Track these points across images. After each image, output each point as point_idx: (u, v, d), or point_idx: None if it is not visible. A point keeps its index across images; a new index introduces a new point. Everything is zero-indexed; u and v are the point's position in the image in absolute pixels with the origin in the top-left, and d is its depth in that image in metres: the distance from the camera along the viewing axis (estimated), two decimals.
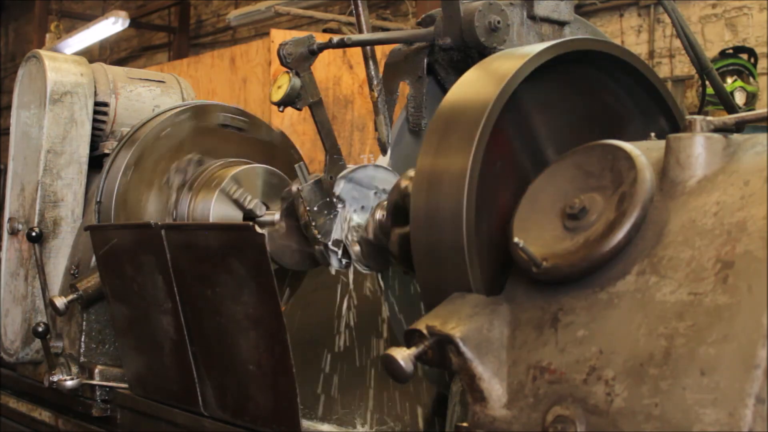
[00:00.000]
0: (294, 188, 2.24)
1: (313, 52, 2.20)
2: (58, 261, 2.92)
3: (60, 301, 2.64)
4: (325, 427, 2.25)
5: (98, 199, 2.84)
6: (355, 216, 2.19)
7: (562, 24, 2.28)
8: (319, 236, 2.18)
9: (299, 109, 2.23)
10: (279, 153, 3.06)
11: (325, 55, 3.89)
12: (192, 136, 2.91)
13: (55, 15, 13.35)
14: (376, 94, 2.32)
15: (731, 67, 6.23)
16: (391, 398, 2.32)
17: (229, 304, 2.09)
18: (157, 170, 2.85)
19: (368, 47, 2.34)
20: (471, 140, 1.61)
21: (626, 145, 1.45)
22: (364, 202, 2.21)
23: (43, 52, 3.00)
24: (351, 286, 2.27)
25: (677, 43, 6.91)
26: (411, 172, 2.04)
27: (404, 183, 1.96)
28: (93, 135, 3.02)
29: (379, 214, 2.12)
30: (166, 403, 2.43)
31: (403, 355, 1.47)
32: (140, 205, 2.83)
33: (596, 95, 1.86)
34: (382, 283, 2.23)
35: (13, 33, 17.89)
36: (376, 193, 2.22)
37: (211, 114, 2.96)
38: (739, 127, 1.44)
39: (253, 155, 2.99)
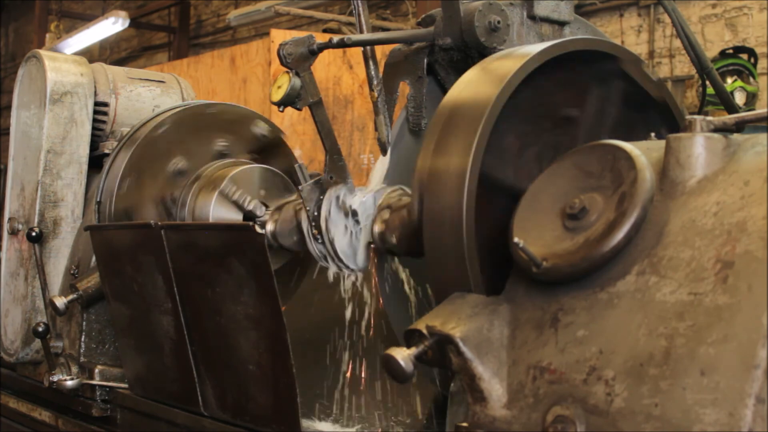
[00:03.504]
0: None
1: (313, 52, 2.20)
2: (58, 261, 2.92)
3: (60, 301, 2.64)
4: (325, 427, 2.25)
5: (98, 199, 2.83)
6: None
7: (562, 24, 2.28)
8: (319, 236, 2.18)
9: (299, 109, 2.23)
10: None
11: (325, 55, 3.89)
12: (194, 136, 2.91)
13: (55, 15, 13.35)
14: (376, 94, 2.32)
15: (731, 67, 6.23)
16: (391, 398, 2.32)
17: (229, 304, 2.09)
18: (158, 170, 2.85)
19: (368, 47, 2.34)
20: (471, 140, 1.61)
21: (626, 145, 1.45)
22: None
23: (43, 52, 3.00)
24: (348, 286, 2.27)
25: (677, 43, 6.91)
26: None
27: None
28: (93, 135, 3.02)
29: (378, 228, 2.12)
30: (166, 403, 2.42)
31: (403, 355, 1.47)
32: (140, 205, 2.83)
33: (596, 94, 1.86)
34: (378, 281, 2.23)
35: (13, 33, 17.89)
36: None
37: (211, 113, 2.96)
38: (739, 127, 1.44)
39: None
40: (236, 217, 2.76)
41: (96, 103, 3.03)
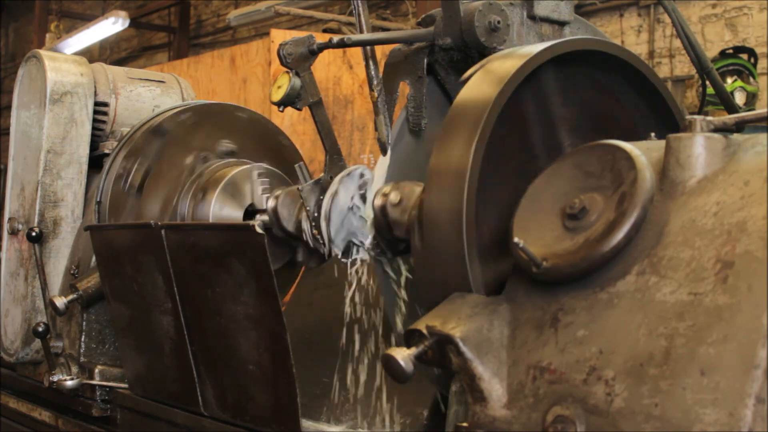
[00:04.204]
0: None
1: (313, 52, 2.20)
2: (58, 261, 2.92)
3: (60, 301, 2.64)
4: (326, 427, 2.25)
5: (98, 199, 2.84)
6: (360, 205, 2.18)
7: (562, 24, 2.28)
8: (319, 236, 2.18)
9: (299, 109, 2.23)
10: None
11: (325, 55, 3.89)
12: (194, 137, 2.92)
13: (55, 15, 13.35)
14: (376, 94, 2.32)
15: (731, 67, 6.24)
16: (391, 398, 2.32)
17: (229, 304, 2.09)
18: (158, 170, 2.86)
19: (368, 47, 2.34)
20: (471, 139, 1.61)
21: (626, 145, 1.45)
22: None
23: (43, 52, 3.00)
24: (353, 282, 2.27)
25: (677, 43, 6.91)
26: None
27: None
28: (93, 135, 3.02)
29: (379, 200, 2.09)
30: (166, 403, 2.43)
31: (403, 355, 1.47)
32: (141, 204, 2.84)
33: (597, 94, 1.86)
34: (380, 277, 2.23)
35: (13, 33, 17.89)
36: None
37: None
38: (739, 127, 1.44)
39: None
40: (236, 216, 2.76)
41: (96, 103, 3.03)
